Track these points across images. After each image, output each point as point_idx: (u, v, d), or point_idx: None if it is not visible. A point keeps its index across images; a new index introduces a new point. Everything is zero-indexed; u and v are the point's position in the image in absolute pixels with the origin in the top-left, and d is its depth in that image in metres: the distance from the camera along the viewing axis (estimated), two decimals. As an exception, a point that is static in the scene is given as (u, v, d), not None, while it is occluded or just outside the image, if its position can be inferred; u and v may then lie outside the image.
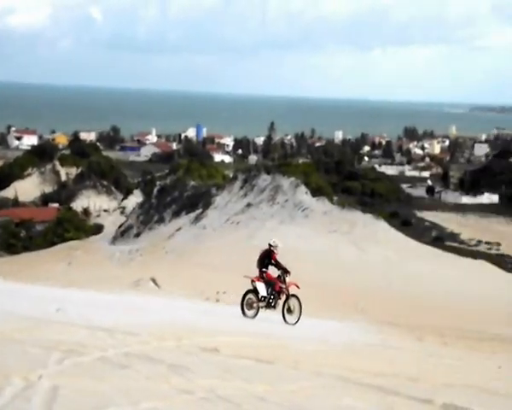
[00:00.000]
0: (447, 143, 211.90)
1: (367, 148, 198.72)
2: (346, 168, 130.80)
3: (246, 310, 15.96)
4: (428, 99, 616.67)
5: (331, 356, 12.08)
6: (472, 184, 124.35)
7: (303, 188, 56.72)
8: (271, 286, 15.75)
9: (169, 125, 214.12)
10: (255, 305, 15.91)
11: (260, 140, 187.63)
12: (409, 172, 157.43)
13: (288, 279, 15.93)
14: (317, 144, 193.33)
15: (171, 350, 10.26)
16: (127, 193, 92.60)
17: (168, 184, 68.91)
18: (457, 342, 18.70)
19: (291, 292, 15.97)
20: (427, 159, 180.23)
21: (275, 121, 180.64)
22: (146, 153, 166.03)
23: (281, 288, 15.87)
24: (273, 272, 16.17)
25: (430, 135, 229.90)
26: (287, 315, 15.92)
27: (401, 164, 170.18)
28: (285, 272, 16.02)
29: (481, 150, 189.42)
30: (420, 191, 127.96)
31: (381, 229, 51.11)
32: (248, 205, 57.09)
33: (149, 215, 64.34)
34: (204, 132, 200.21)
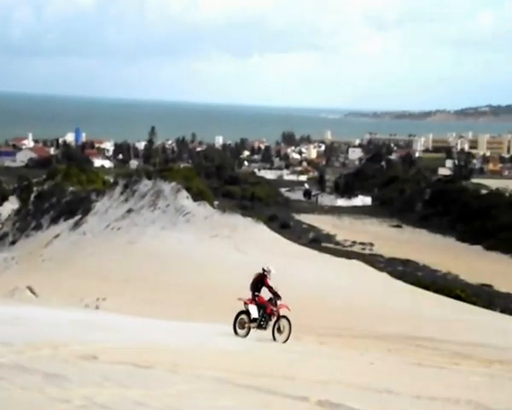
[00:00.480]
0: (323, 147, 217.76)
1: (247, 152, 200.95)
2: (226, 173, 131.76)
3: (238, 329, 16.57)
4: (305, 105, 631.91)
5: (210, 359, 12.13)
6: (347, 187, 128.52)
7: (184, 193, 56.54)
8: (263, 309, 16.39)
9: (46, 129, 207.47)
10: (247, 325, 16.54)
11: (141, 145, 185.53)
12: (287, 176, 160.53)
13: (279, 302, 16.54)
14: (198, 149, 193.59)
15: (47, 359, 9.96)
16: (2, 199, 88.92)
17: (46, 189, 66.81)
18: (333, 340, 19.22)
19: (281, 313, 16.61)
20: (305, 163, 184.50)
21: (155, 126, 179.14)
22: (22, 158, 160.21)
23: (272, 310, 16.49)
24: (265, 294, 16.83)
25: (307, 140, 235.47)
26: (276, 334, 16.50)
27: (280, 168, 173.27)
28: (276, 296, 16.65)
29: (355, 154, 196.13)
30: (298, 195, 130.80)
31: (261, 232, 51.74)
32: (129, 211, 56.26)
33: (26, 222, 62.13)
34: (83, 137, 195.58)
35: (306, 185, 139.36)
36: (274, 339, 16.32)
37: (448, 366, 15.55)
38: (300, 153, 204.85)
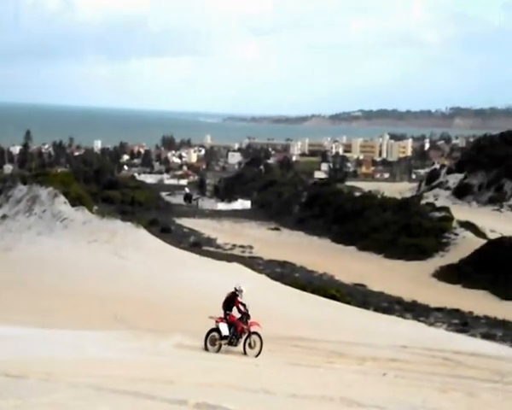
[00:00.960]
0: (203, 151, 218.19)
1: (126, 157, 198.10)
2: (105, 177, 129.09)
3: (209, 346, 16.93)
4: (185, 109, 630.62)
5: (86, 366, 11.88)
6: (226, 190, 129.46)
7: (61, 198, 54.94)
8: (234, 327, 16.78)
9: None
10: (217, 342, 16.93)
11: (16, 149, 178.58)
12: (167, 180, 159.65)
13: (250, 320, 16.90)
14: (76, 153, 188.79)
15: None
16: None
17: None
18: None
19: (252, 330, 16.93)
20: (185, 167, 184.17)
21: (31, 130, 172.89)
22: None
23: (242, 328, 16.85)
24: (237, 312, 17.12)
25: (187, 144, 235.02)
26: (248, 349, 16.80)
27: (160, 172, 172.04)
28: (245, 316, 17.00)
29: (234, 159, 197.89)
30: (178, 199, 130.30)
31: (141, 237, 51.15)
32: (4, 217, 54.09)
33: None
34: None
35: (187, 189, 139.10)
36: (245, 353, 16.71)
37: (324, 364, 16.01)
38: (181, 157, 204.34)
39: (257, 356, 16.65)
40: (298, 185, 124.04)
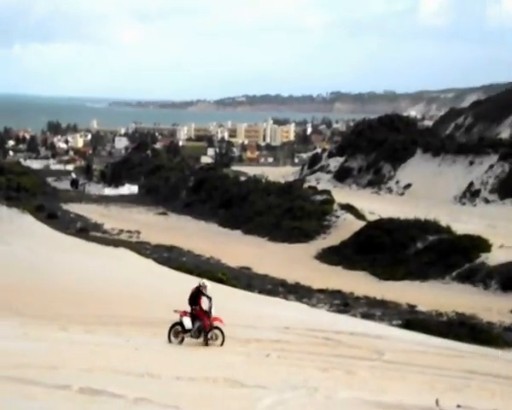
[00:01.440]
0: (89, 136, 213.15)
1: (11, 142, 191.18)
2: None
3: (172, 338, 17.05)
4: (71, 94, 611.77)
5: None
6: (114, 176, 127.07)
7: None
8: (200, 321, 16.99)
9: None
10: (180, 335, 17.09)
11: None
12: (54, 165, 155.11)
13: (212, 315, 17.02)
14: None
15: None
16: None
17: None
18: (100, 328, 19.05)
19: (214, 325, 17.06)
20: (71, 152, 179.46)
21: None
22: None
23: (209, 324, 17.05)
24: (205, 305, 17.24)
25: (73, 129, 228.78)
26: (210, 342, 16.97)
27: (46, 158, 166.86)
28: (205, 314, 17.09)
29: (121, 143, 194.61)
30: (65, 184, 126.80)
31: (28, 223, 49.59)
32: None
33: None
34: None
35: (73, 175, 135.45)
36: (207, 345, 16.90)
37: (208, 347, 16.09)
38: (67, 142, 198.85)
39: (221, 345, 16.89)
40: (185, 170, 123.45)
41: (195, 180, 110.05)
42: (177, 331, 17.20)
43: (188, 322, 17.12)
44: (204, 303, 17.32)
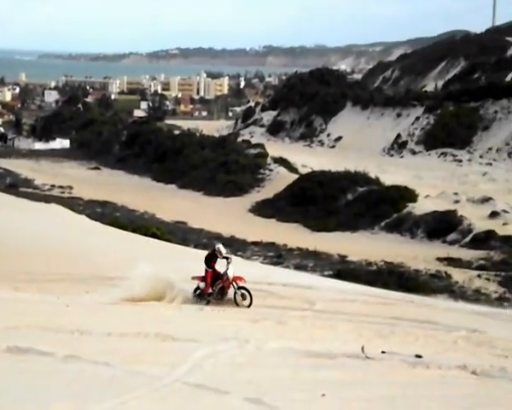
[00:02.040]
0: (18, 90, 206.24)
1: None
2: None
3: (197, 300, 16.93)
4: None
5: None
6: (44, 130, 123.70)
7: None
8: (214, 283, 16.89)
9: None
10: (203, 298, 16.97)
11: None
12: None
13: (230, 275, 16.89)
14: None
15: None
16: None
17: None
18: (29, 285, 18.67)
19: (240, 285, 16.90)
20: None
21: None
22: None
23: (224, 285, 16.93)
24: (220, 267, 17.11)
25: (1, 82, 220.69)
26: (239, 301, 16.81)
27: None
28: (218, 276, 17.01)
29: (51, 97, 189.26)
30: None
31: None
32: None
33: None
34: None
35: (1, 129, 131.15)
36: (237, 304, 16.82)
37: (140, 302, 15.98)
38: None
39: (248, 306, 16.77)
40: (117, 124, 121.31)
41: (128, 134, 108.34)
42: (198, 295, 17.22)
43: (203, 286, 17.11)
44: (220, 266, 17.29)
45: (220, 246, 17.60)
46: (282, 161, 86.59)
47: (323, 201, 68.89)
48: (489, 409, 8.57)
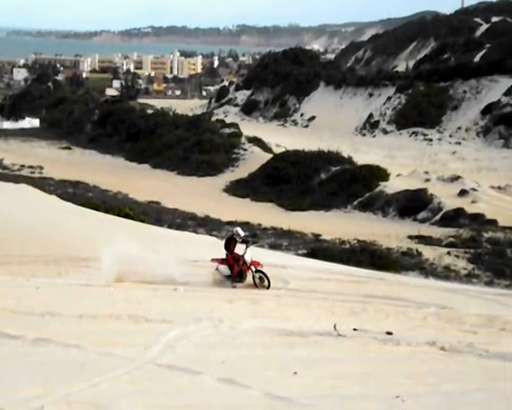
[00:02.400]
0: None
1: None
2: None
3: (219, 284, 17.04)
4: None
5: None
6: (13, 108, 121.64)
7: None
8: (232, 268, 16.99)
9: None
10: (224, 281, 17.10)
11: None
12: None
13: (248, 259, 16.96)
14: None
15: None
16: None
17: None
18: (0, 268, 18.47)
19: (258, 269, 17.03)
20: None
21: None
22: None
23: (242, 268, 17.02)
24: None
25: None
26: (258, 284, 16.97)
27: None
28: (236, 260, 17.07)
29: (20, 75, 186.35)
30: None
31: None
32: None
33: None
34: None
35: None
36: (257, 287, 16.96)
37: (114, 283, 15.87)
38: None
39: (268, 288, 16.90)
40: (89, 103, 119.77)
41: (100, 113, 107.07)
42: (219, 279, 17.31)
43: (224, 269, 17.22)
44: (239, 250, 17.33)
45: (238, 229, 17.72)
46: (256, 141, 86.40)
47: (297, 180, 69.03)
48: (458, 384, 8.70)
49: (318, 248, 42.59)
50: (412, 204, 57.77)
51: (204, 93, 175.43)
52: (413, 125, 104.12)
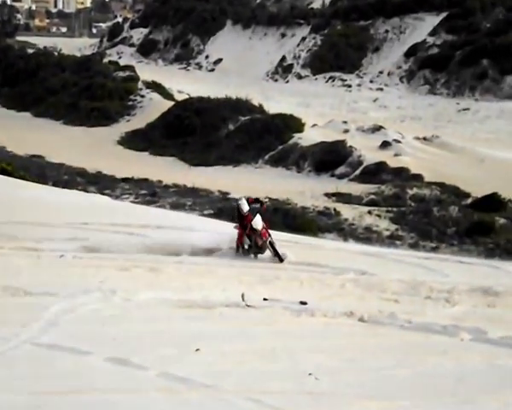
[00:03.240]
0: None
1: None
2: None
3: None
4: None
5: None
6: None
7: None
8: (250, 238, 17.05)
9: None
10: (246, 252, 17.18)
11: None
12: None
13: (259, 228, 16.86)
14: None
15: None
16: None
17: None
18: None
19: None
20: None
21: None
22: None
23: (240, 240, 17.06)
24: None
25: None
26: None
27: None
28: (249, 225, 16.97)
29: None
30: None
31: None
32: None
33: None
34: None
35: None
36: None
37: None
38: None
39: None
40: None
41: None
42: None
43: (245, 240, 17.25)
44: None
45: (241, 202, 17.49)
46: (155, 86, 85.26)
47: (202, 131, 68.70)
48: (376, 359, 8.88)
49: (226, 208, 42.68)
50: (329, 158, 58.60)
51: (94, 31, 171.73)
52: (330, 69, 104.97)
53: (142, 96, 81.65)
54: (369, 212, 44.71)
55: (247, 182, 54.91)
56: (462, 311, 12.09)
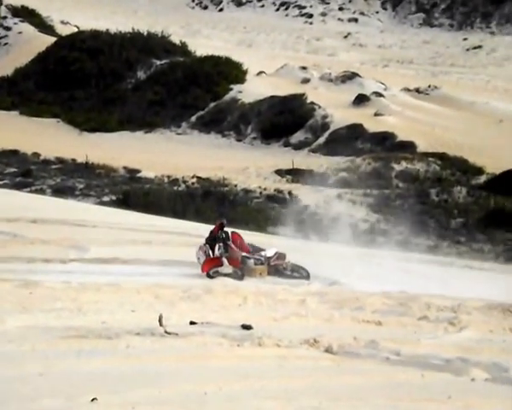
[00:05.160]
0: None
1: None
2: None
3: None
4: None
5: None
6: None
7: None
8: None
9: None
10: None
11: None
12: None
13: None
14: None
15: None
16: None
17: None
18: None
19: None
20: None
21: None
22: None
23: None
24: None
25: None
26: None
27: None
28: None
29: None
30: None
31: None
32: None
33: None
34: None
35: None
36: None
37: None
38: None
39: None
40: None
41: None
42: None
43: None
44: None
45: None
46: (27, 15, 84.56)
47: (99, 81, 68.42)
48: (351, 407, 8.84)
49: (135, 193, 42.61)
50: (282, 120, 58.84)
51: None
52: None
53: (8, 29, 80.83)
54: (339, 196, 44.85)
55: (164, 154, 54.85)
56: (474, 338, 12.11)
